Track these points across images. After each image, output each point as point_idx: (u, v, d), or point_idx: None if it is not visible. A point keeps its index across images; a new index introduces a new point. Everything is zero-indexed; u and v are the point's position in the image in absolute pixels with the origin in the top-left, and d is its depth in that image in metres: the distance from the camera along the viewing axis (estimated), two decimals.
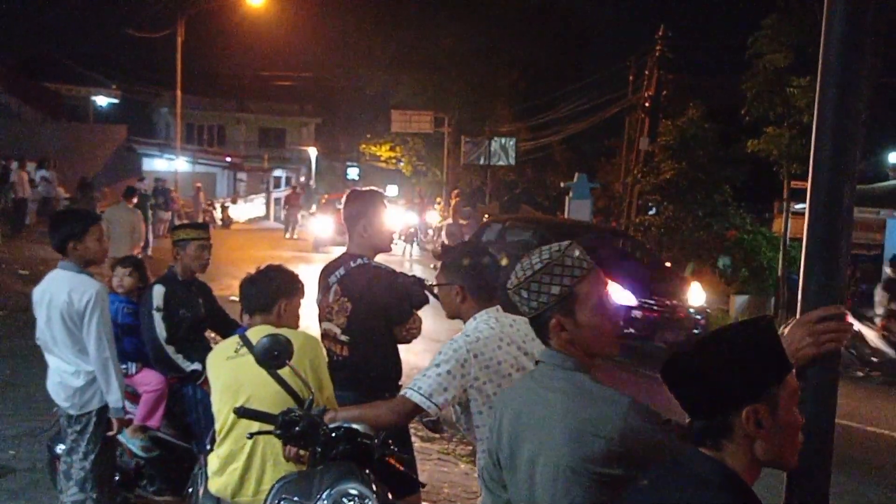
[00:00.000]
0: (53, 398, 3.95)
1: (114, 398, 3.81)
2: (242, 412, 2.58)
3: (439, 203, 31.59)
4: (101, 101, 37.95)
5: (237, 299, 3.38)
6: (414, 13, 33.69)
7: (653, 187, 19.64)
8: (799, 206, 16.52)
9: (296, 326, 3.22)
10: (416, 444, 3.45)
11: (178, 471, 4.33)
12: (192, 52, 29.27)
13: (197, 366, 4.27)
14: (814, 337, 1.79)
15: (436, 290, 2.91)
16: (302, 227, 27.94)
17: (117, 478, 4.28)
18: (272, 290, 3.06)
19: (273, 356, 2.52)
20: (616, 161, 28.54)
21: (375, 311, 3.52)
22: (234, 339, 2.99)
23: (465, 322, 2.76)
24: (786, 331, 1.83)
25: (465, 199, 31.32)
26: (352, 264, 3.60)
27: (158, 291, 4.39)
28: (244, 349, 2.87)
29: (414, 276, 3.82)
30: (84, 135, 30.92)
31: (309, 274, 3.81)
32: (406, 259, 22.00)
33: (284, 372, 2.64)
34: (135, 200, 12.68)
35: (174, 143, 30.88)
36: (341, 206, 3.86)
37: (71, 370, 3.84)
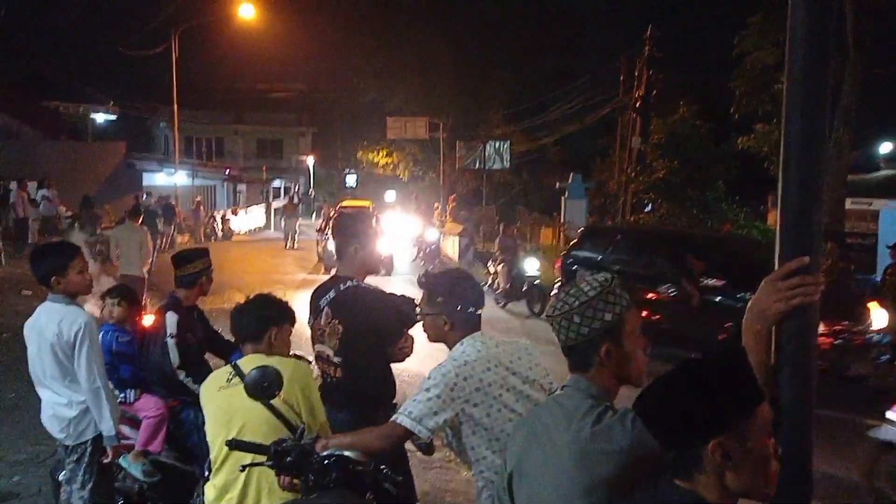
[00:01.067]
0: (49, 430, 3.99)
1: (106, 427, 3.84)
2: (234, 444, 2.62)
3: (437, 208, 31.67)
4: (100, 118, 37.97)
5: None
6: (404, 20, 33.73)
7: (647, 186, 19.71)
8: None
9: (287, 353, 3.29)
10: (418, 452, 3.49)
11: (181, 494, 4.41)
12: (187, 66, 29.41)
13: None
14: (779, 293, 1.78)
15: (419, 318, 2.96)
16: (302, 235, 28.01)
17: (121, 503, 4.38)
18: (262, 319, 3.10)
19: (263, 388, 2.58)
20: (610, 159, 28.61)
21: (367, 332, 3.56)
22: (227, 369, 3.04)
23: (449, 348, 2.81)
24: (755, 296, 1.84)
25: (462, 203, 31.36)
26: (342, 286, 3.64)
27: (172, 319, 4.47)
28: (236, 378, 2.91)
29: (404, 296, 3.88)
30: (83, 152, 30.98)
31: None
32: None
33: (276, 400, 2.69)
34: (140, 219, 12.81)
35: (173, 158, 30.96)
36: (331, 229, 3.94)
37: (63, 401, 3.86)
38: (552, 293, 11.97)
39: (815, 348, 1.84)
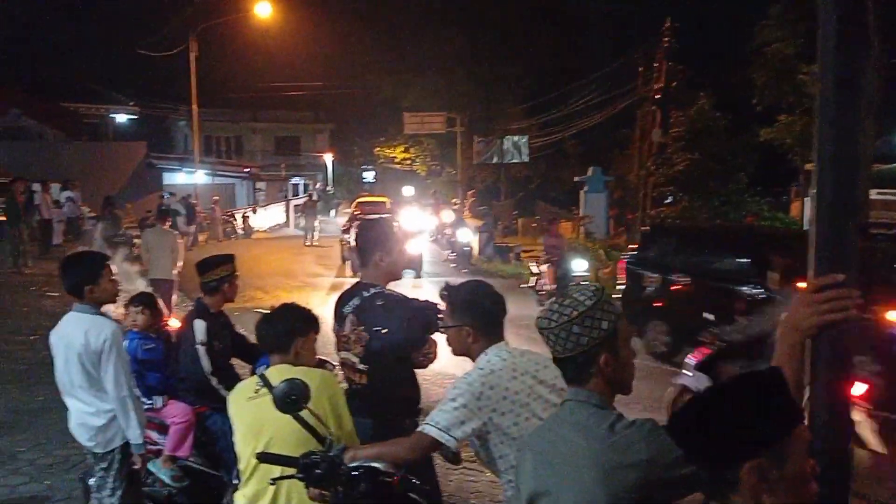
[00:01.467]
0: (77, 439, 4.04)
1: (133, 434, 3.89)
2: (264, 457, 2.65)
3: (455, 203, 31.69)
4: (120, 118, 38.36)
5: (261, 310, 3.48)
6: (419, 16, 33.76)
7: (667, 179, 19.60)
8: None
9: (313, 360, 3.31)
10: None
11: (209, 498, 4.46)
12: (205, 65, 29.58)
13: None
14: (812, 307, 1.74)
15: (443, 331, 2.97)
16: (322, 232, 28.13)
17: None
18: (288, 330, 3.12)
19: (291, 401, 2.59)
20: (629, 152, 28.48)
21: (392, 338, 3.58)
22: (254, 380, 3.06)
23: (473, 360, 2.81)
24: (791, 307, 1.81)
25: (481, 198, 31.36)
26: (365, 294, 3.67)
27: (200, 326, 4.49)
28: (264, 389, 2.92)
29: (427, 302, 3.89)
30: (105, 153, 31.31)
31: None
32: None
33: (304, 412, 2.71)
34: (173, 221, 12.93)
35: (193, 157, 31.19)
36: (352, 237, 3.97)
37: (91, 410, 3.90)
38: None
39: (851, 364, 1.80)
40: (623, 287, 11.51)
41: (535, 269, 15.18)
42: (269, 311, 3.28)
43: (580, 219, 27.61)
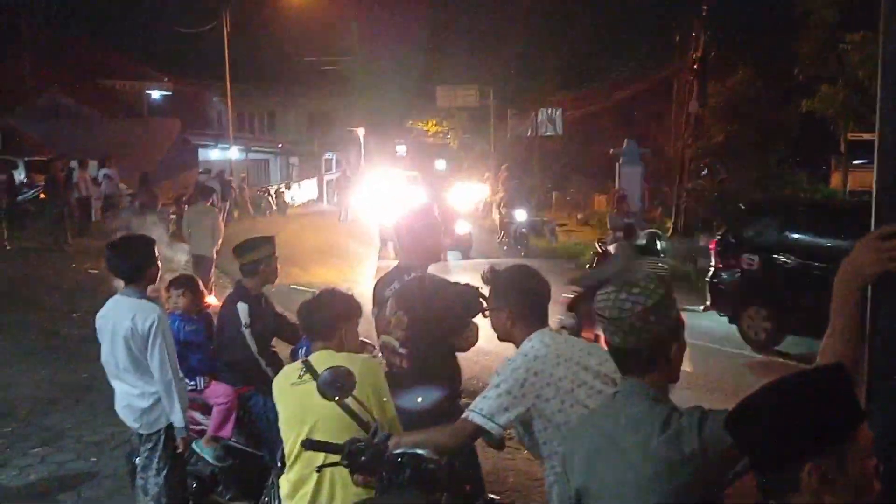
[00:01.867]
0: (123, 420, 4.14)
1: (177, 418, 3.97)
2: (309, 444, 2.67)
3: (487, 177, 31.52)
4: (155, 95, 38.64)
5: (299, 287, 3.50)
6: None
7: (704, 151, 19.28)
8: (857, 161, 16.01)
9: (356, 345, 3.32)
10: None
11: (251, 478, 4.53)
12: (239, 41, 29.62)
13: None
14: (877, 254, 1.73)
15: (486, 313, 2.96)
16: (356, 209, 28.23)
17: (194, 485, 4.51)
18: (331, 316, 3.12)
19: (336, 389, 2.61)
20: (666, 124, 28.02)
21: (432, 322, 3.59)
22: (298, 365, 3.07)
23: (516, 345, 2.78)
24: (851, 254, 1.79)
25: (513, 173, 31.15)
26: (405, 277, 3.69)
27: (243, 309, 4.52)
28: (307, 375, 2.93)
29: (468, 285, 3.89)
30: (140, 130, 31.59)
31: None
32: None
33: (348, 399, 2.73)
34: (213, 199, 13.12)
35: (227, 133, 31.37)
36: (393, 224, 3.95)
37: (136, 392, 3.99)
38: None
39: None
40: (714, 270, 10.77)
41: (599, 248, 13.49)
42: (310, 297, 3.28)
43: (615, 192, 27.30)
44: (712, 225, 15.63)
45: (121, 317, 3.92)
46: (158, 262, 4.09)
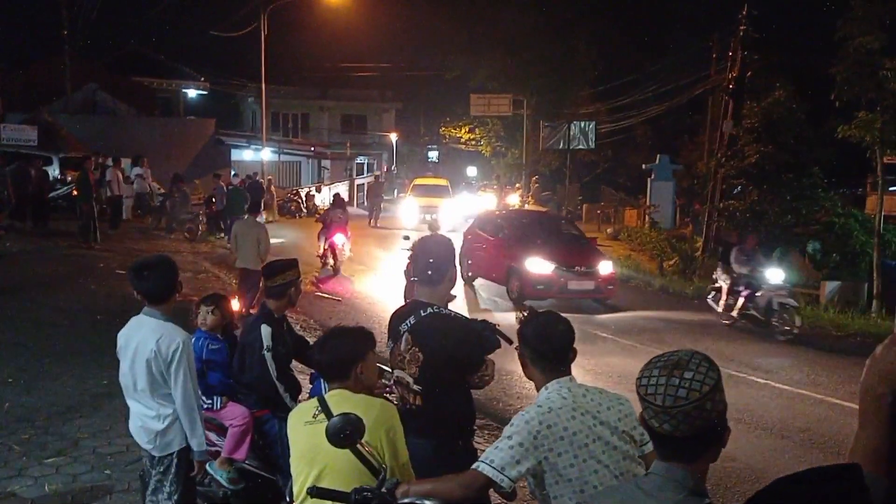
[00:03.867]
0: (136, 440, 4.10)
1: (197, 443, 3.94)
2: (316, 492, 2.64)
3: (518, 188, 31.47)
4: (191, 94, 39.04)
5: (324, 294, 3.48)
6: None
7: (738, 171, 19.04)
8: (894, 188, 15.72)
9: (375, 380, 3.28)
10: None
11: (264, 502, 4.51)
12: (276, 43, 29.86)
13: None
14: None
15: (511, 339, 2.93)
16: (385, 212, 28.31)
17: None
18: (345, 357, 3.07)
19: (344, 436, 2.57)
20: (699, 139, 27.75)
21: (447, 360, 3.53)
22: (313, 403, 3.03)
23: (536, 389, 2.76)
24: (877, 351, 1.59)
25: (544, 184, 31.01)
26: (422, 313, 3.62)
27: (267, 332, 4.53)
28: (322, 415, 2.90)
29: (485, 321, 3.84)
30: (175, 129, 31.93)
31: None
32: None
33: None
34: (262, 214, 13.14)
35: (260, 134, 31.60)
36: (411, 251, 3.92)
37: (152, 414, 3.94)
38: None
39: None
40: None
41: (719, 284, 13.00)
42: (321, 338, 3.25)
43: (646, 207, 27.09)
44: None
45: (145, 338, 3.88)
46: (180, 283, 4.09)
